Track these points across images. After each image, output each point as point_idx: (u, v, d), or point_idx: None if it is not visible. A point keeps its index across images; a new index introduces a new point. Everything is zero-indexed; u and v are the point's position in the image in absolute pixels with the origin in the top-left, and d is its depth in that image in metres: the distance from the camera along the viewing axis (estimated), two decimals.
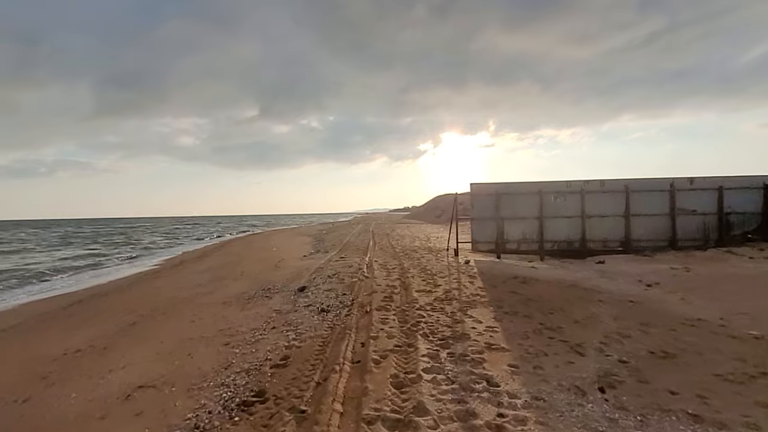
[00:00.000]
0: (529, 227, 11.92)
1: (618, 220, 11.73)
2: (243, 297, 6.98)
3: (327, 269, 9.27)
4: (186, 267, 13.33)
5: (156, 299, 7.88)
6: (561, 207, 11.85)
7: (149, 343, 4.76)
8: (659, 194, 11.63)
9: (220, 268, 11.95)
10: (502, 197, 11.92)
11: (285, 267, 10.66)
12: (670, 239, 11.59)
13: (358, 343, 3.96)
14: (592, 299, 5.96)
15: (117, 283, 11.09)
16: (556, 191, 11.85)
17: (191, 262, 14.91)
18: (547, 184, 11.90)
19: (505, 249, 11.97)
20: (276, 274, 9.36)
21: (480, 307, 5.43)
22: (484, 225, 12.03)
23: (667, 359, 3.51)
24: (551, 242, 11.87)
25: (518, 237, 11.96)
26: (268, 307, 5.93)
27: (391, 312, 5.22)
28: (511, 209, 11.94)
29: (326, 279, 7.88)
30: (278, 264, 11.39)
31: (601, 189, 11.77)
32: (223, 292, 7.76)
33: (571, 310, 5.31)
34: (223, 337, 4.55)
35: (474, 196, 12.09)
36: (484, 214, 12.02)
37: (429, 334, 4.20)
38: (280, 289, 7.35)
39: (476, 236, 12.08)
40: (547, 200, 11.84)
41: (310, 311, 5.34)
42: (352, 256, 11.98)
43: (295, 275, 8.92)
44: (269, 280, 8.51)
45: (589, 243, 11.74)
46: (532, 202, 11.87)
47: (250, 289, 7.78)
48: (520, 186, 12.02)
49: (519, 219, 11.93)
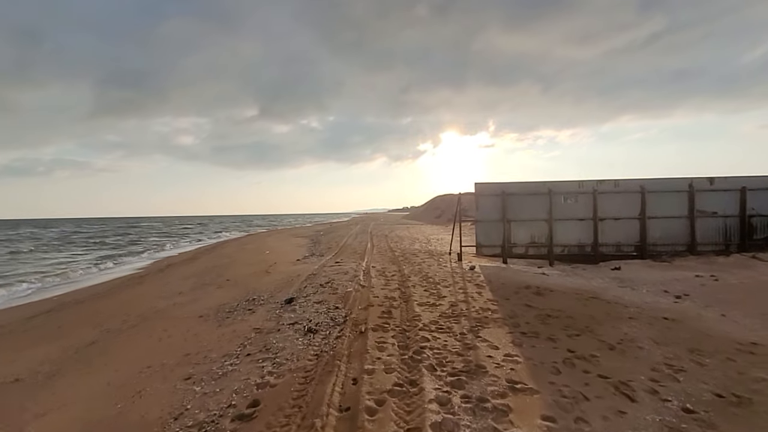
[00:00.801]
0: (537, 230, 11.16)
1: (633, 222, 10.98)
2: (223, 310, 6.21)
3: (320, 276, 8.50)
4: (172, 271, 12.55)
5: (130, 309, 7.11)
6: (572, 208, 11.09)
7: (102, 372, 3.99)
8: (677, 195, 10.88)
9: (207, 272, 11.17)
10: (509, 198, 11.16)
11: (276, 272, 9.88)
12: (688, 243, 10.84)
13: (348, 379, 3.19)
14: (620, 315, 5.20)
15: (96, 288, 10.30)
16: (566, 192, 11.10)
17: (179, 265, 14.12)
18: (557, 184, 11.15)
19: (511, 253, 11.21)
20: (264, 281, 8.58)
21: (493, 326, 4.67)
22: (489, 227, 11.27)
23: (741, 407, 2.75)
24: (561, 246, 11.12)
25: (526, 241, 11.20)
26: (248, 324, 5.15)
27: (389, 332, 4.45)
28: (519, 211, 11.18)
29: (318, 288, 7.11)
30: (269, 269, 10.61)
31: (614, 189, 11.02)
32: (203, 303, 6.99)
33: (600, 330, 4.55)
34: (186, 366, 3.77)
35: (478, 197, 11.33)
36: (490, 215, 11.26)
37: (436, 365, 3.43)
38: (265, 300, 6.57)
39: (481, 239, 11.32)
40: (557, 201, 11.09)
41: (295, 331, 4.57)
42: (348, 260, 11.20)
43: (285, 282, 8.14)
44: (256, 289, 7.73)
45: (602, 247, 10.99)
46: (541, 203, 11.12)
47: (233, 299, 7.00)
48: (528, 186, 11.26)
49: (527, 221, 11.17)
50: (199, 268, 12.39)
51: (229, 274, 10.46)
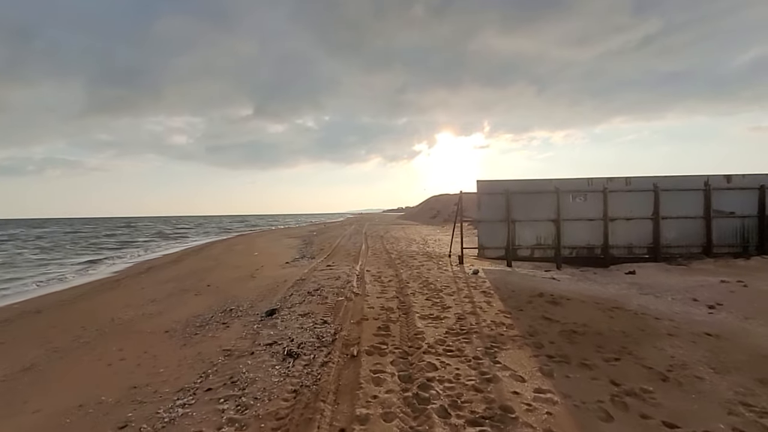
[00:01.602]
0: (544, 231, 10.42)
1: (645, 223, 10.28)
2: (194, 323, 5.37)
3: (309, 282, 7.68)
4: (152, 275, 11.64)
5: (91, 321, 6.24)
6: (581, 208, 10.37)
7: (21, 414, 3.14)
8: (692, 194, 10.20)
9: (188, 276, 10.30)
10: (514, 197, 10.42)
11: (261, 277, 9.04)
12: (703, 245, 10.16)
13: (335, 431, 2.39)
14: (655, 331, 4.45)
15: (63, 295, 9.38)
16: (575, 190, 10.37)
17: (161, 268, 13.20)
18: (565, 181, 10.42)
19: (516, 256, 10.47)
20: (247, 288, 7.75)
21: (512, 347, 3.90)
22: (492, 228, 10.52)
23: None
24: (569, 248, 10.39)
25: (532, 242, 10.46)
26: (218, 343, 4.33)
27: (387, 356, 3.66)
28: (524, 210, 10.44)
29: (305, 297, 6.29)
30: (254, 273, 9.77)
31: (626, 188, 10.31)
32: (175, 313, 6.14)
33: (641, 351, 3.79)
34: (127, 407, 2.95)
35: (481, 195, 10.57)
36: (493, 215, 10.50)
37: (449, 407, 2.64)
38: (244, 312, 5.75)
39: (483, 241, 10.56)
40: (565, 200, 10.36)
41: (272, 354, 3.76)
42: (340, 263, 10.40)
43: (269, 289, 7.32)
44: (236, 297, 6.90)
45: (613, 249, 10.28)
46: (548, 202, 10.38)
47: (209, 309, 6.16)
48: (533, 184, 10.53)
49: (533, 221, 10.43)
50: (181, 272, 11.51)
51: (211, 278, 9.61)
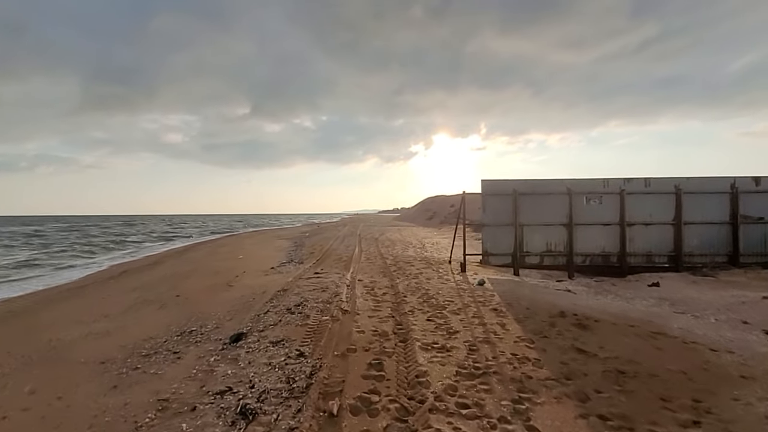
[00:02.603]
0: (554, 236, 9.47)
1: (666, 228, 9.36)
2: (141, 350, 4.32)
3: (291, 293, 6.65)
4: (122, 280, 10.53)
5: (24, 343, 5.17)
6: (595, 211, 9.44)
7: None
8: (717, 197, 9.30)
9: (160, 284, 9.21)
10: (522, 198, 9.46)
11: (239, 286, 7.99)
12: (729, 254, 9.27)
13: None
14: (724, 371, 3.48)
15: (13, 304, 8.25)
16: (589, 191, 9.43)
17: (135, 272, 12.09)
18: (579, 182, 9.48)
19: (524, 263, 9.50)
20: (220, 300, 6.70)
21: (547, 399, 2.90)
22: (498, 233, 9.55)
23: None
24: (582, 256, 9.44)
25: (541, 248, 9.50)
26: (157, 387, 3.29)
27: (380, 416, 2.65)
28: (533, 213, 9.48)
29: (283, 315, 5.26)
30: (233, 281, 8.71)
31: (645, 190, 9.39)
32: (124, 335, 5.08)
33: (721, 406, 2.82)
34: None
35: (486, 197, 9.60)
36: (499, 218, 9.54)
37: None
38: (206, 335, 4.71)
39: (488, 247, 9.58)
40: (578, 203, 9.42)
41: (218, 413, 2.73)
42: (330, 269, 9.37)
43: (244, 303, 6.27)
44: (203, 313, 5.85)
45: (630, 258, 9.35)
46: (559, 204, 9.44)
47: (166, 330, 5.11)
48: (543, 184, 9.57)
49: (542, 226, 9.48)
50: (154, 278, 10.41)
51: (184, 286, 8.54)
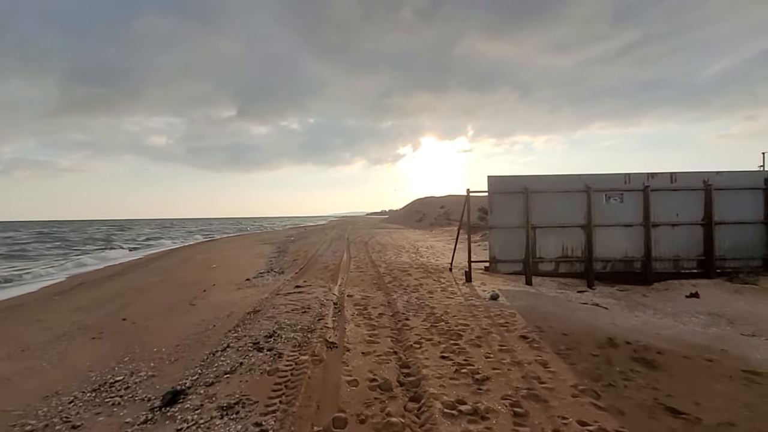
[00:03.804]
0: (571, 239, 8.33)
1: (695, 229, 8.32)
2: (24, 425, 2.94)
3: (264, 316, 5.30)
4: (71, 296, 8.97)
5: None
6: (616, 211, 8.33)
7: None
8: (751, 194, 8.30)
9: (110, 301, 7.73)
10: (534, 197, 8.29)
11: (203, 305, 6.60)
12: (765, 257, 8.27)
13: None
14: None
15: None
16: (609, 188, 8.33)
17: (91, 285, 10.50)
18: (597, 177, 8.36)
19: (537, 270, 8.33)
20: (172, 327, 5.31)
21: None
22: (507, 236, 8.36)
23: None
24: (602, 261, 8.32)
25: (556, 254, 8.34)
26: None
27: None
28: (547, 213, 8.33)
29: (247, 352, 3.93)
30: (198, 297, 7.30)
31: (671, 186, 8.33)
32: (18, 388, 3.68)
33: None
34: None
35: (493, 195, 8.40)
36: (508, 220, 8.35)
37: None
38: (132, 390, 3.34)
39: (496, 252, 8.38)
40: (598, 201, 8.30)
41: None
42: (315, 281, 8.03)
43: (200, 332, 4.91)
44: (144, 348, 4.48)
45: (656, 262, 8.26)
46: (576, 203, 8.31)
47: (83, 378, 3.73)
48: (558, 180, 8.43)
49: (557, 228, 8.34)
50: (108, 293, 8.89)
51: (137, 305, 7.10)
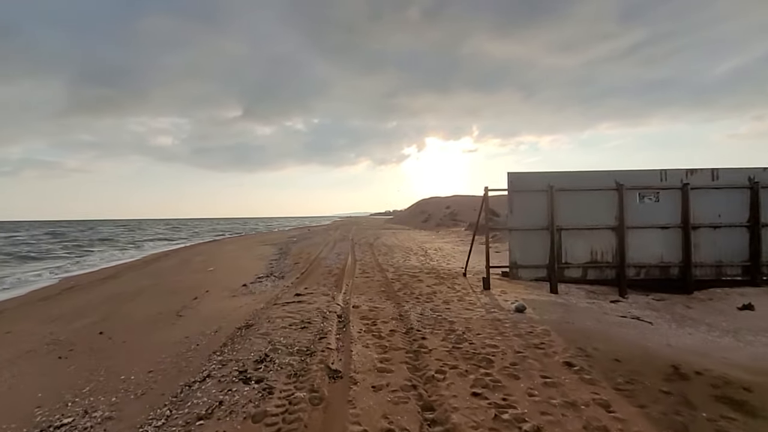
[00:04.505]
0: (601, 243, 7.52)
1: (739, 232, 7.46)
2: None
3: (255, 333, 4.56)
4: (53, 303, 8.30)
5: None
6: (651, 211, 7.51)
7: None
8: None
9: (92, 310, 7.03)
10: (560, 195, 7.49)
11: (191, 316, 5.87)
12: None
13: None
14: None
15: None
16: (644, 186, 7.50)
17: (80, 289, 9.84)
18: (630, 174, 7.54)
19: (563, 277, 7.52)
20: (150, 345, 4.59)
21: None
22: (529, 239, 7.56)
23: None
24: (636, 267, 7.49)
25: (584, 258, 7.53)
26: None
27: None
28: (574, 214, 7.52)
29: (230, 385, 3.18)
30: (187, 306, 6.58)
31: (712, 183, 7.49)
32: None
33: None
34: None
35: (514, 194, 7.61)
36: (530, 221, 7.56)
37: None
38: None
39: (517, 257, 7.58)
40: (631, 200, 7.48)
41: None
42: (317, 288, 7.29)
43: (180, 354, 4.18)
44: (112, 374, 3.75)
45: (695, 268, 7.42)
46: (607, 202, 7.50)
47: (27, 417, 3.01)
48: (586, 177, 7.62)
49: (585, 230, 7.52)
50: (94, 299, 8.21)
51: (120, 316, 6.40)
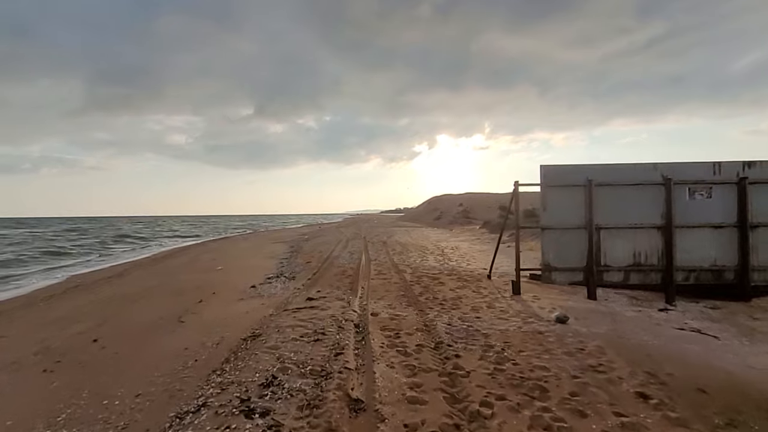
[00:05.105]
0: (645, 243, 6.75)
1: None
2: None
3: (262, 347, 3.98)
4: (56, 303, 7.89)
5: None
6: (702, 208, 6.71)
7: None
8: None
9: (94, 311, 6.57)
10: (599, 191, 6.74)
11: (192, 323, 5.34)
12: None
13: None
14: None
15: None
16: (694, 180, 6.71)
17: (84, 289, 9.44)
18: (678, 167, 6.75)
19: (602, 281, 6.79)
20: (145, 358, 4.05)
21: None
22: (564, 239, 6.84)
23: None
24: (685, 270, 6.71)
25: (626, 261, 6.78)
26: None
27: None
28: (614, 211, 6.77)
29: (230, 419, 2.59)
30: (191, 310, 6.06)
31: None
32: None
33: None
34: None
35: (547, 189, 6.89)
36: (565, 219, 6.84)
37: None
38: None
39: (551, 258, 6.87)
40: (680, 196, 6.69)
41: None
42: (330, 292, 6.70)
43: (175, 372, 3.62)
44: (94, 400, 3.21)
45: (754, 273, 6.61)
46: (652, 198, 6.73)
47: None
48: (628, 170, 6.85)
49: (627, 229, 6.77)
50: (98, 300, 7.77)
51: (117, 320, 5.91)
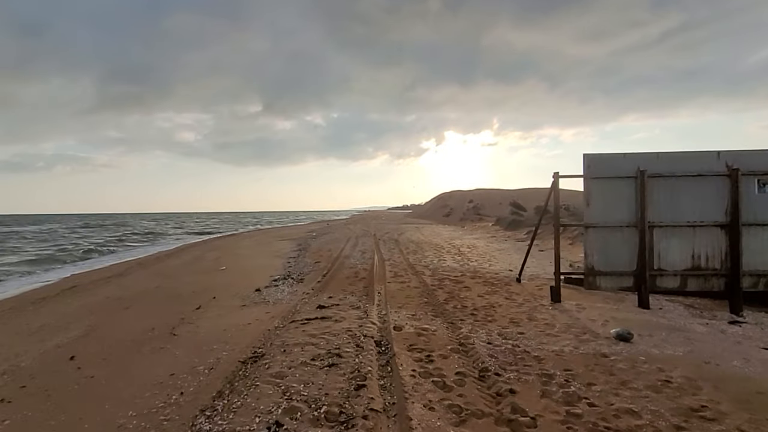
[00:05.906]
0: (705, 244, 5.85)
1: None
2: None
3: (265, 375, 3.23)
4: (43, 307, 7.25)
5: None
6: None
7: None
8: None
9: (82, 318, 5.89)
10: (652, 183, 5.85)
11: (186, 337, 4.62)
12: None
13: None
14: None
15: None
16: (765, 171, 5.78)
17: (77, 291, 8.82)
18: (745, 155, 5.83)
19: (655, 286, 5.91)
20: (125, 385, 3.33)
21: None
22: (610, 239, 5.97)
23: None
24: (754, 275, 5.80)
25: (683, 264, 5.88)
26: None
27: None
28: (669, 207, 5.87)
29: None
30: (186, 319, 5.34)
31: None
32: None
33: None
34: None
35: (591, 182, 6.02)
36: (612, 215, 5.96)
37: None
38: None
39: (595, 260, 6.00)
40: (747, 189, 5.77)
41: None
42: (343, 298, 5.93)
43: (155, 411, 2.88)
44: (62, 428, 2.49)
45: None
46: (713, 191, 5.81)
47: None
48: (686, 159, 5.94)
49: (685, 227, 5.87)
50: (84, 307, 7.11)
51: (103, 330, 5.22)
